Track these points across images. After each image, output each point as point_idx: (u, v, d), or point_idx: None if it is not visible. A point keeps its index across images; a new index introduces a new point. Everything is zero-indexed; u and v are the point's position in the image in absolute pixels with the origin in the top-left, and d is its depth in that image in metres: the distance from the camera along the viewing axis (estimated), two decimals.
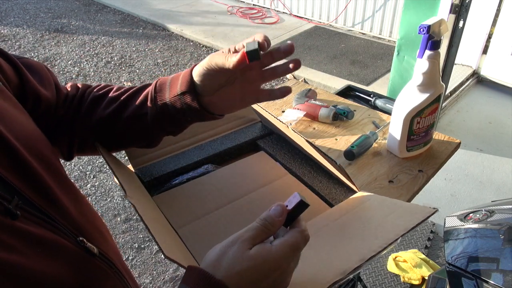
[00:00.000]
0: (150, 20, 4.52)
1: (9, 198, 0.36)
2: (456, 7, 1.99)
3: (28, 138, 0.43)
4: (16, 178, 0.38)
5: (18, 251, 0.34)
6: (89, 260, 0.42)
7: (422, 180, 0.83)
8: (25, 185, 0.39)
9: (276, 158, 0.84)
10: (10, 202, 0.36)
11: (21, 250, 0.34)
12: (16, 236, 0.35)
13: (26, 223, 0.36)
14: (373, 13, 3.72)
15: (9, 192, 0.36)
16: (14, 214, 0.35)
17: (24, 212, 0.37)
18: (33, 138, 0.45)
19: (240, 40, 3.29)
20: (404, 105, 0.84)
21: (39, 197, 0.40)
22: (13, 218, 0.35)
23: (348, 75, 3.21)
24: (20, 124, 0.43)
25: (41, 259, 0.36)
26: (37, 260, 0.35)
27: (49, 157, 0.45)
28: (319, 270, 0.49)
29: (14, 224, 0.35)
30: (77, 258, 0.40)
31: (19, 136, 0.41)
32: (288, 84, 1.23)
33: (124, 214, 2.08)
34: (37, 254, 0.36)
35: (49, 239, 0.38)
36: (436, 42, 0.78)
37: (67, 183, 0.47)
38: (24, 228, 0.36)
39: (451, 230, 1.06)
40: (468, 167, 2.23)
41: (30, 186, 0.39)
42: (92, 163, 2.47)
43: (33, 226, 0.37)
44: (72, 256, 0.40)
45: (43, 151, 0.44)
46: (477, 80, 2.96)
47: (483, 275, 0.88)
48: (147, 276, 1.77)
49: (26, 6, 5.13)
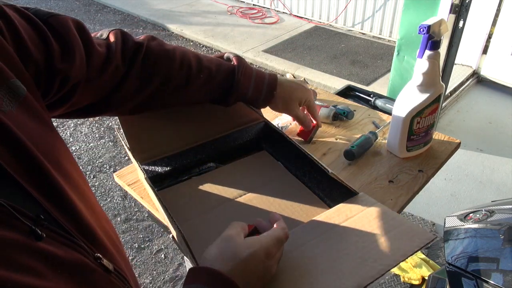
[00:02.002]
0: (150, 20, 4.52)
1: (33, 217, 0.35)
2: (456, 7, 1.99)
3: (49, 150, 0.42)
4: (41, 195, 0.37)
5: (40, 274, 0.33)
6: (106, 277, 0.41)
7: (422, 180, 0.83)
8: (49, 201, 0.38)
9: (277, 158, 0.84)
10: (35, 221, 0.34)
11: (42, 272, 0.33)
12: (39, 259, 0.33)
13: (50, 243, 0.35)
14: (373, 13, 3.72)
15: (33, 209, 0.35)
16: (38, 236, 0.34)
17: (49, 232, 0.36)
18: (55, 150, 0.43)
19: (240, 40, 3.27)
20: (404, 105, 0.84)
21: (62, 214, 0.39)
22: (38, 240, 0.34)
23: (348, 75, 3.21)
24: (39, 136, 0.42)
25: (61, 279, 0.35)
26: (57, 282, 0.34)
27: (68, 169, 0.44)
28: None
29: (38, 246, 0.34)
30: (95, 276, 0.40)
31: (41, 149, 0.40)
32: None
33: (124, 214, 2.08)
34: (58, 275, 0.34)
35: (70, 259, 0.37)
36: (436, 42, 0.78)
37: (87, 196, 0.45)
38: (48, 250, 0.35)
39: (451, 230, 1.06)
40: (468, 167, 2.23)
41: (54, 202, 0.38)
42: (92, 163, 2.48)
43: (57, 246, 0.36)
44: (90, 274, 0.39)
45: (63, 164, 0.43)
46: (477, 80, 2.96)
47: (483, 275, 0.88)
48: (147, 276, 1.77)
49: (26, 6, 5.13)
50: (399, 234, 0.57)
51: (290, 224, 0.63)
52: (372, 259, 0.53)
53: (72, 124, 2.86)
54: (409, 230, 0.57)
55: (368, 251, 0.54)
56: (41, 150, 0.39)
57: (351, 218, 0.61)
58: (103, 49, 0.60)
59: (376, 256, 0.53)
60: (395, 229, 0.58)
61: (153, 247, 1.90)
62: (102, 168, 2.43)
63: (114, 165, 2.45)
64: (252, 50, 3.69)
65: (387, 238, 0.56)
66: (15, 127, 0.37)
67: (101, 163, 2.47)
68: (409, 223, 0.59)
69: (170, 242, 1.91)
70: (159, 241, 1.93)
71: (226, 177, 0.79)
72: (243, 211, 0.70)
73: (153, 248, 1.90)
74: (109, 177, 2.34)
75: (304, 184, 0.76)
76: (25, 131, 0.38)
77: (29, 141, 0.38)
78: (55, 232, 0.36)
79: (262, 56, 3.58)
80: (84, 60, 0.55)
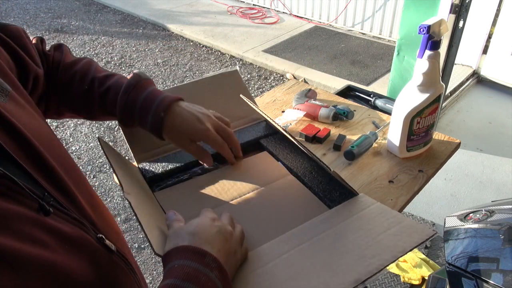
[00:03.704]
0: (150, 20, 4.52)
1: (40, 195, 0.37)
2: (456, 7, 1.99)
3: (45, 139, 0.44)
4: (42, 178, 0.39)
5: (51, 248, 0.35)
6: (109, 256, 0.43)
7: (422, 180, 0.83)
8: (49, 184, 0.40)
9: (278, 158, 0.84)
10: (42, 198, 0.37)
11: (53, 246, 0.35)
12: (49, 233, 0.36)
13: (57, 220, 0.38)
14: (373, 13, 3.72)
15: (39, 191, 0.38)
16: (47, 211, 0.36)
17: (54, 209, 0.38)
18: (48, 139, 0.46)
19: (240, 40, 3.28)
20: (404, 105, 0.84)
21: (62, 196, 0.41)
22: (46, 214, 0.36)
23: (348, 75, 3.21)
24: (34, 126, 0.44)
25: (69, 255, 0.37)
26: (66, 256, 0.36)
27: (63, 156, 0.46)
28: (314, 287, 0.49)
29: (47, 221, 0.36)
30: (99, 254, 0.42)
31: (37, 137, 0.42)
32: (288, 84, 1.23)
33: (124, 214, 2.08)
34: (66, 250, 0.37)
35: (76, 235, 0.39)
36: (436, 42, 0.78)
37: (81, 181, 0.48)
38: (56, 225, 0.37)
39: (451, 230, 1.06)
40: (468, 167, 2.23)
41: (53, 185, 0.41)
42: (92, 163, 2.48)
43: (63, 223, 0.38)
44: (95, 252, 0.41)
45: (57, 151, 0.45)
46: (477, 80, 2.96)
47: (483, 275, 0.88)
48: (147, 276, 1.77)
49: (26, 6, 5.13)
50: (398, 231, 0.57)
51: (290, 224, 0.63)
52: (371, 255, 0.53)
53: (72, 124, 2.86)
54: (409, 226, 0.57)
55: (367, 248, 0.54)
56: (36, 138, 0.41)
57: (350, 218, 0.61)
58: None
59: (374, 252, 0.53)
60: (394, 226, 0.58)
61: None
62: (102, 168, 2.43)
63: None
64: (252, 50, 3.69)
65: (386, 235, 0.56)
66: (10, 116, 0.39)
67: (101, 163, 2.47)
68: (408, 220, 0.59)
69: None
70: None
71: (226, 177, 0.79)
72: (243, 212, 0.70)
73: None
74: (109, 177, 2.34)
75: (304, 184, 0.76)
76: (19, 121, 0.41)
77: (24, 129, 0.40)
78: (59, 210, 0.39)
79: (262, 56, 3.58)
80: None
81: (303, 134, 0.95)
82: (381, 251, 0.53)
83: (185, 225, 0.52)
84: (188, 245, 0.46)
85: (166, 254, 0.47)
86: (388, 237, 0.56)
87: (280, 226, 0.64)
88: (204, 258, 0.45)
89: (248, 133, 0.89)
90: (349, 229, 0.59)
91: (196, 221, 0.52)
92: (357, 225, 0.59)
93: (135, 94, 0.64)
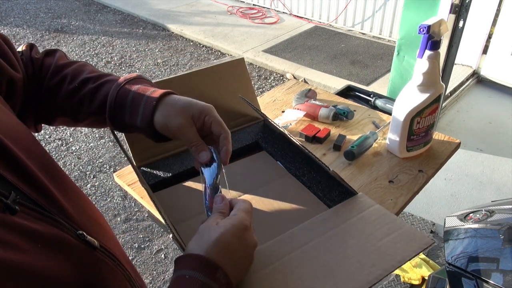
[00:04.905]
0: (150, 20, 4.52)
1: (6, 194, 0.35)
2: (456, 7, 1.99)
3: (14, 133, 0.43)
4: (10, 173, 0.37)
5: (19, 248, 0.33)
6: (91, 253, 0.42)
7: (422, 180, 0.83)
8: (20, 180, 0.38)
9: (276, 158, 0.84)
10: (7, 197, 0.35)
11: (21, 246, 0.33)
12: (16, 233, 0.34)
13: (26, 218, 0.36)
14: (373, 13, 3.72)
15: (6, 188, 0.36)
16: (13, 209, 0.34)
17: (23, 207, 0.36)
18: (19, 133, 0.44)
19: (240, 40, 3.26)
20: (404, 105, 0.84)
21: (34, 192, 0.39)
22: (12, 213, 0.34)
23: (348, 75, 3.21)
24: (2, 120, 0.43)
25: (42, 255, 0.35)
26: (39, 257, 0.35)
27: (36, 151, 0.44)
28: None
29: (14, 220, 0.34)
30: (79, 252, 0.40)
31: (5, 131, 0.40)
32: (288, 84, 1.23)
33: (124, 214, 2.08)
34: (38, 250, 0.35)
35: (49, 234, 0.37)
36: (436, 42, 0.78)
37: (58, 176, 0.46)
38: (24, 224, 0.35)
39: (451, 230, 1.06)
40: (468, 167, 2.23)
41: (24, 181, 0.39)
42: (92, 163, 2.48)
43: (33, 222, 0.36)
44: (73, 250, 0.39)
45: (30, 146, 0.43)
46: (477, 80, 2.96)
47: (483, 275, 0.88)
48: (147, 276, 1.77)
49: (26, 6, 5.13)
50: (397, 238, 0.57)
51: (289, 224, 0.63)
52: (370, 264, 0.53)
53: None
54: (407, 234, 0.58)
55: (366, 255, 0.54)
56: (10, 138, 0.40)
57: (349, 220, 0.61)
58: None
59: (374, 260, 0.54)
60: (393, 232, 0.58)
61: (153, 247, 1.90)
62: (102, 168, 2.43)
63: (114, 165, 2.45)
64: (252, 50, 3.69)
65: (385, 242, 0.56)
66: None
67: (101, 163, 2.47)
68: (407, 226, 0.59)
69: (170, 242, 1.91)
70: (159, 241, 1.93)
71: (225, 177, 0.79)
72: None
73: (153, 248, 1.90)
74: (109, 177, 2.34)
75: (303, 184, 0.76)
76: None
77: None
78: (28, 207, 0.37)
79: (262, 56, 3.58)
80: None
81: (303, 134, 0.95)
82: (380, 259, 0.54)
83: (216, 226, 0.50)
84: (203, 256, 0.46)
85: (181, 258, 0.47)
86: (387, 244, 0.56)
87: (280, 226, 0.64)
88: (216, 273, 0.45)
89: (247, 133, 0.89)
90: (349, 233, 0.59)
91: (226, 227, 0.50)
92: (357, 228, 0.59)
93: (128, 86, 0.60)
